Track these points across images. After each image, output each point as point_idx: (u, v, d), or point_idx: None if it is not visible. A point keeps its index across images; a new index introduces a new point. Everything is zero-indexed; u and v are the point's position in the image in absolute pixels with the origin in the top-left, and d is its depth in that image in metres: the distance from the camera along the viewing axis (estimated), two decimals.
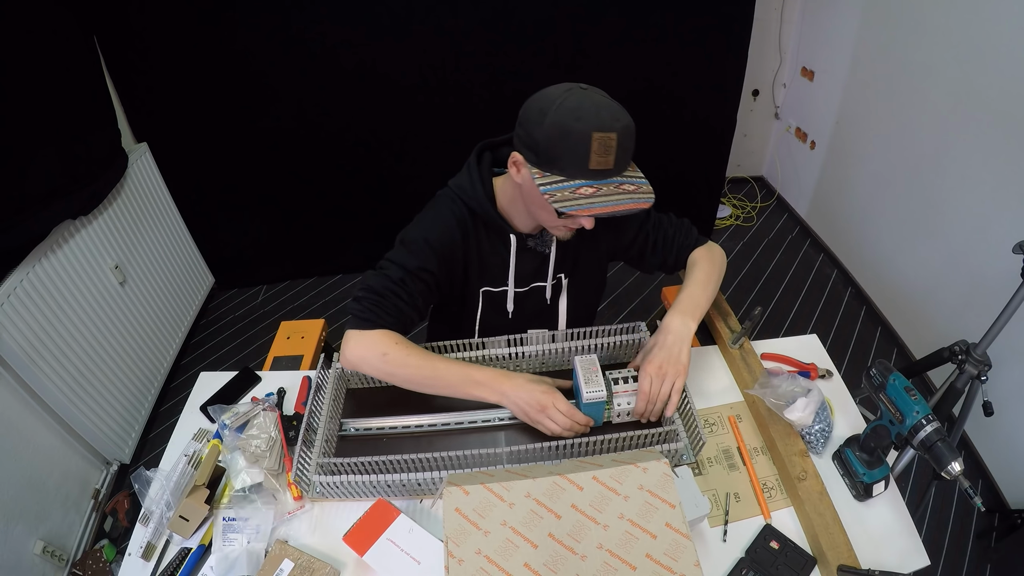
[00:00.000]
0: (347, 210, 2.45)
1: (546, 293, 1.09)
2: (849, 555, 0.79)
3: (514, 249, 1.01)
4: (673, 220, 1.13)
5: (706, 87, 2.30)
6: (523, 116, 0.84)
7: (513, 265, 1.03)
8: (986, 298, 1.70)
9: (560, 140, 0.79)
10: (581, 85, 0.83)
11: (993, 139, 1.69)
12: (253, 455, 0.92)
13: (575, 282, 1.10)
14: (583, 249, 1.07)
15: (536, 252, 1.04)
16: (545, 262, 1.05)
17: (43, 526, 1.49)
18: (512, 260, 1.02)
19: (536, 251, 1.03)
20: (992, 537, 1.61)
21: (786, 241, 2.86)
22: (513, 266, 1.03)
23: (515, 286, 1.06)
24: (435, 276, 0.97)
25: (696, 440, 0.88)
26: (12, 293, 1.43)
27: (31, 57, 1.49)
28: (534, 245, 1.03)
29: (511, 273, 1.04)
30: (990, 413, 1.29)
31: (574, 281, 1.10)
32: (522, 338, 1.05)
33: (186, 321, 2.29)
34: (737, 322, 1.17)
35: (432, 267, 0.96)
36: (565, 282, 1.09)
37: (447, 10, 1.97)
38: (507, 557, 0.67)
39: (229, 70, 2.03)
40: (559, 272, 1.08)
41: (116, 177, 1.85)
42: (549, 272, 1.06)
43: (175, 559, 0.85)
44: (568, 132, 0.78)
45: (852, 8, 2.32)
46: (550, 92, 0.83)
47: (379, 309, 0.92)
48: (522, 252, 1.02)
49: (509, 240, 1.00)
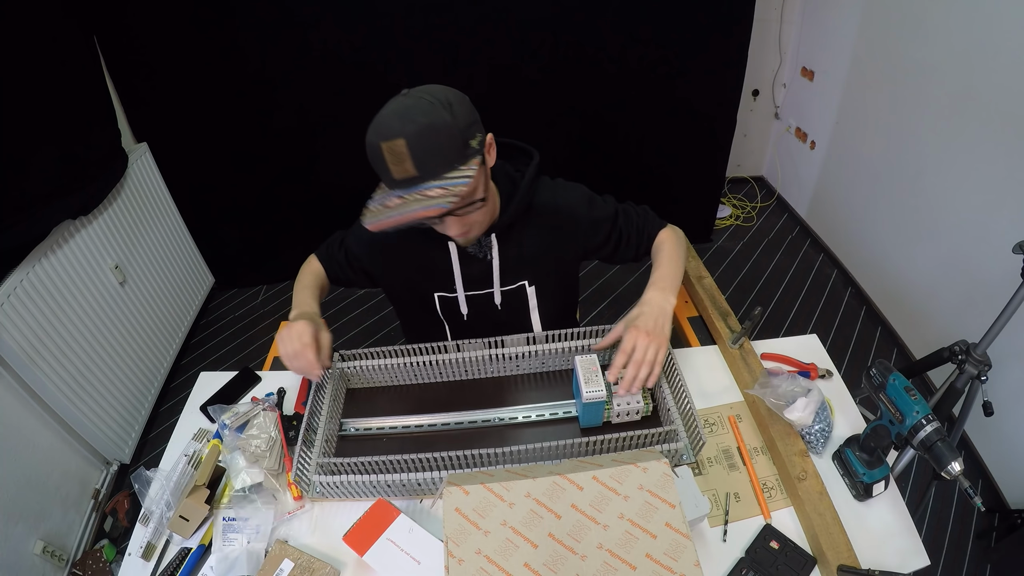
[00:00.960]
0: (347, 210, 2.44)
1: (495, 300, 1.07)
2: (849, 555, 0.79)
3: (455, 255, 1.01)
4: (637, 209, 1.12)
5: (706, 87, 2.30)
6: None
7: (458, 268, 1.03)
8: (986, 298, 1.70)
9: (370, 156, 0.80)
10: (404, 91, 0.81)
11: (993, 139, 1.69)
12: (253, 455, 0.92)
13: (541, 288, 1.08)
14: (545, 253, 1.05)
15: (478, 258, 1.03)
16: (491, 267, 1.04)
17: (43, 526, 1.49)
18: (456, 266, 1.02)
19: (477, 257, 1.03)
20: (992, 537, 1.61)
21: (786, 241, 2.86)
22: (458, 269, 1.03)
23: (465, 290, 1.05)
24: (360, 261, 1.09)
25: (696, 440, 0.88)
26: (12, 293, 1.43)
27: (31, 57, 1.49)
28: (474, 252, 1.03)
29: (458, 279, 1.04)
30: (990, 413, 1.29)
31: (541, 288, 1.08)
32: (526, 337, 1.05)
33: (186, 321, 2.29)
34: (737, 322, 1.17)
35: (359, 253, 1.08)
36: (531, 289, 1.07)
37: (449, 12, 1.97)
38: (507, 557, 0.67)
39: (229, 70, 2.03)
40: (520, 278, 1.06)
41: (116, 177, 1.85)
42: (495, 277, 1.04)
43: (175, 559, 0.85)
44: (369, 146, 0.79)
45: (852, 8, 2.32)
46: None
47: (324, 250, 1.14)
48: (465, 258, 1.03)
49: (447, 246, 1.01)
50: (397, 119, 0.76)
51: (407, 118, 0.76)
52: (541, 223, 1.03)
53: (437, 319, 1.12)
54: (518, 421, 0.99)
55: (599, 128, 2.37)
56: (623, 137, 2.42)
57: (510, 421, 0.99)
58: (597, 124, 2.35)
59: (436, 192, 0.77)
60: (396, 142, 0.75)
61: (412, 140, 0.75)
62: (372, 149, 0.78)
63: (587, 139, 2.39)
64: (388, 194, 0.81)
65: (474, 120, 0.83)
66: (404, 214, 0.78)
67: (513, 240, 1.02)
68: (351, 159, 2.30)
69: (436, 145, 0.76)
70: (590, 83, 2.22)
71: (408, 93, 0.80)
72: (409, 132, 0.75)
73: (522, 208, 1.00)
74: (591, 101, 2.27)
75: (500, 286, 1.06)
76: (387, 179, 0.80)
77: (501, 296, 1.07)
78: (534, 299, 1.09)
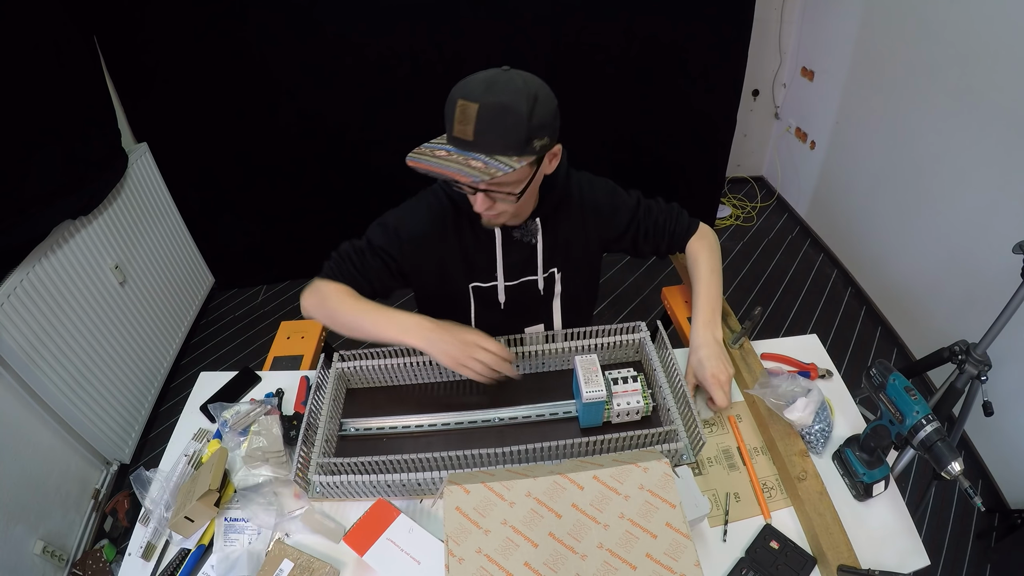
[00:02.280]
0: (348, 209, 2.45)
1: (538, 285, 1.09)
2: (849, 555, 0.79)
3: (499, 241, 1.01)
4: (663, 206, 1.13)
5: (706, 87, 2.30)
6: None
7: (500, 257, 1.03)
8: (986, 298, 1.71)
9: (446, 106, 0.82)
10: (505, 67, 0.83)
11: (993, 139, 1.69)
12: (254, 455, 0.92)
13: (567, 276, 1.11)
14: (574, 242, 1.08)
15: (523, 243, 1.04)
16: (533, 253, 1.05)
17: (43, 526, 1.49)
18: (499, 252, 1.03)
19: (523, 242, 1.04)
20: (992, 537, 1.61)
21: (786, 241, 2.86)
22: (500, 258, 1.03)
23: (505, 279, 1.06)
24: (396, 262, 1.03)
25: (696, 440, 0.88)
26: (12, 293, 1.43)
27: (31, 57, 1.49)
28: (519, 236, 1.03)
29: (499, 266, 1.04)
30: (990, 413, 1.29)
31: (567, 276, 1.10)
32: (521, 338, 1.05)
33: (186, 321, 2.29)
34: (737, 322, 1.17)
35: (395, 253, 1.02)
36: (558, 276, 1.09)
37: (450, 12, 1.97)
38: (507, 556, 0.67)
39: (229, 70, 2.03)
40: (551, 266, 1.08)
41: (116, 177, 1.85)
42: (539, 263, 1.06)
43: (175, 559, 0.85)
44: (449, 98, 0.81)
45: (852, 8, 2.32)
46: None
47: (336, 267, 1.03)
48: (508, 244, 1.03)
49: (493, 233, 1.01)
50: (483, 85, 0.79)
51: (491, 89, 0.79)
52: (570, 212, 1.05)
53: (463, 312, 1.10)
54: (518, 421, 0.99)
55: (599, 128, 2.37)
56: (623, 137, 2.42)
57: (510, 421, 0.99)
58: (597, 124, 2.35)
59: (477, 165, 0.79)
60: (470, 105, 0.78)
61: (483, 110, 0.78)
62: (450, 101, 0.81)
63: (587, 139, 2.38)
64: (441, 145, 0.84)
65: (550, 124, 0.84)
66: (441, 167, 0.80)
67: (551, 228, 1.04)
68: (351, 159, 2.32)
69: (501, 125, 0.79)
70: (590, 83, 2.22)
71: (508, 70, 0.82)
72: (486, 101, 0.78)
73: (562, 196, 1.02)
74: (591, 101, 2.27)
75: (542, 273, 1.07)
76: (448, 132, 0.83)
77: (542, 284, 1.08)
78: (559, 286, 1.10)
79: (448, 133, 0.83)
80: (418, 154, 0.83)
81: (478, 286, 1.07)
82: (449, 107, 0.81)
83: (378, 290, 1.06)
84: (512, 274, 1.06)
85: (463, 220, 1.01)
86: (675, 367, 0.97)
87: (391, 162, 2.33)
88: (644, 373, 1.05)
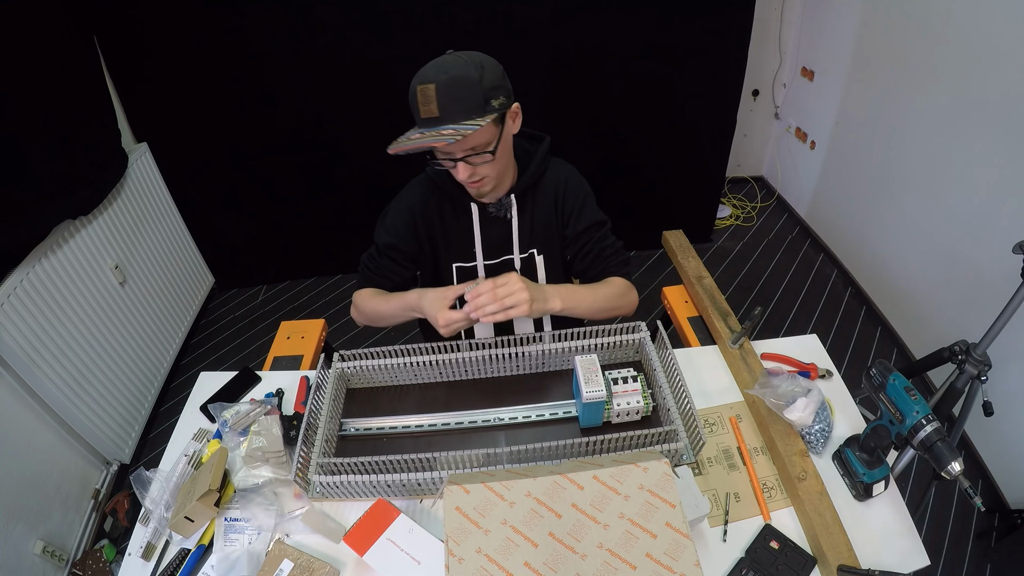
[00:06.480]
0: (347, 209, 2.45)
1: (515, 265, 1.12)
2: (849, 555, 0.79)
3: (476, 217, 1.08)
4: (617, 246, 1.15)
5: (706, 87, 2.30)
6: None
7: (478, 233, 1.09)
8: (986, 298, 1.70)
9: (409, 96, 0.91)
10: (450, 51, 0.92)
11: (993, 139, 1.69)
12: (254, 455, 0.92)
13: (550, 260, 1.14)
14: (550, 225, 1.11)
15: (499, 219, 1.08)
16: (510, 231, 1.09)
17: (43, 526, 1.49)
18: (476, 229, 1.08)
19: (499, 217, 1.08)
20: (992, 537, 1.61)
21: (786, 241, 2.86)
22: (478, 235, 1.09)
23: (484, 258, 1.11)
24: (403, 252, 1.12)
25: (696, 440, 0.88)
26: (12, 293, 1.43)
27: (31, 57, 1.49)
28: (495, 211, 1.07)
29: (477, 242, 1.09)
30: (990, 413, 1.29)
31: (549, 259, 1.13)
32: (521, 338, 1.05)
33: (186, 321, 2.29)
34: (737, 322, 1.17)
35: (400, 244, 1.11)
36: (539, 259, 1.12)
37: (449, 12, 1.97)
38: (507, 556, 0.67)
39: (229, 70, 2.03)
40: (530, 247, 1.11)
41: (116, 177, 1.85)
42: (515, 241, 1.10)
43: (175, 559, 0.85)
44: (411, 88, 0.90)
45: (852, 8, 2.32)
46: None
47: (362, 277, 1.16)
48: (486, 220, 1.08)
49: (470, 209, 1.07)
50: (433, 69, 0.88)
51: (441, 69, 0.88)
52: (545, 194, 1.10)
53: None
54: (518, 421, 0.99)
55: (599, 128, 2.37)
56: (623, 137, 2.42)
57: (510, 421, 0.99)
58: (597, 124, 2.35)
59: (448, 131, 0.87)
60: (428, 86, 0.87)
61: (440, 87, 0.86)
62: (411, 92, 0.90)
63: (587, 139, 2.39)
64: (413, 130, 0.93)
65: (501, 86, 0.92)
66: (419, 143, 0.89)
67: (527, 208, 1.10)
68: (352, 159, 2.32)
69: (459, 95, 0.87)
70: (590, 83, 2.22)
71: (452, 52, 0.92)
72: (440, 79, 0.87)
73: (537, 175, 1.08)
74: (591, 101, 2.27)
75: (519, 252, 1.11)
76: (416, 117, 0.91)
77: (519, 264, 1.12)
78: (543, 269, 1.14)
79: (416, 119, 0.91)
80: (397, 143, 0.92)
81: (461, 266, 1.12)
82: (412, 97, 0.90)
83: (398, 284, 1.16)
84: (491, 253, 1.11)
85: (444, 201, 1.09)
86: (675, 367, 0.97)
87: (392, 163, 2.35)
88: (644, 373, 1.05)
